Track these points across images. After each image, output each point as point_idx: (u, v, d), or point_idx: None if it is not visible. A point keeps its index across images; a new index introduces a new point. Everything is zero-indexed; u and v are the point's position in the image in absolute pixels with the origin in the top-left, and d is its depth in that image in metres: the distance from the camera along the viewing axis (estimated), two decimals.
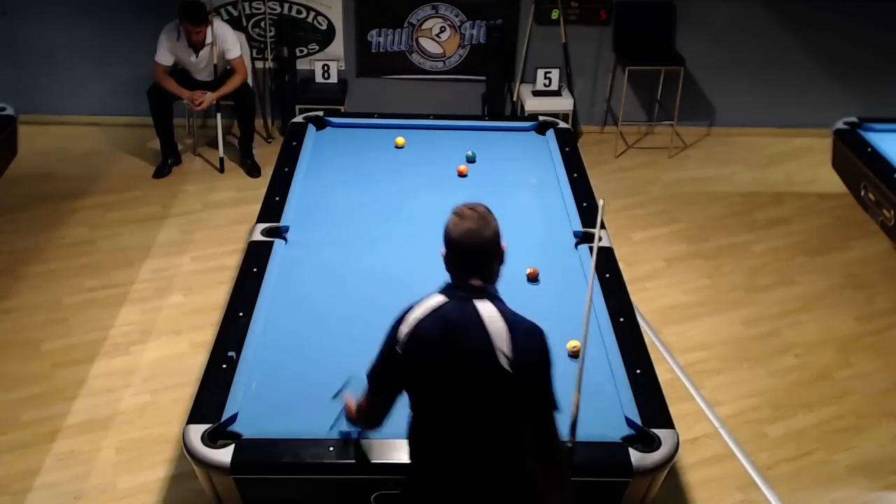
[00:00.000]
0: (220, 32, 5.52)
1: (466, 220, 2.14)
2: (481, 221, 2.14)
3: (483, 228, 2.13)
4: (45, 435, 3.54)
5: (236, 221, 5.12)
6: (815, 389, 3.97)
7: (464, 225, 2.13)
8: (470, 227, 2.13)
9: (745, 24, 6.15)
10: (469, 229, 2.12)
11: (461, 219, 2.14)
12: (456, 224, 2.15)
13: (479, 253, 2.15)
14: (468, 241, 2.13)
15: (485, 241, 2.14)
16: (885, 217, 4.44)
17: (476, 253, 2.15)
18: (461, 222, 2.14)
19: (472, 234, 2.12)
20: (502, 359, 2.03)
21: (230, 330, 2.95)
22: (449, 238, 2.16)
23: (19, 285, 4.49)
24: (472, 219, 2.14)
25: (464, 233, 2.12)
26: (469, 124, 4.67)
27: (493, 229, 2.16)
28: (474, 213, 2.15)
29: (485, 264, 2.17)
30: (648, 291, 4.59)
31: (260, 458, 2.44)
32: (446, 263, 2.20)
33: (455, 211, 2.18)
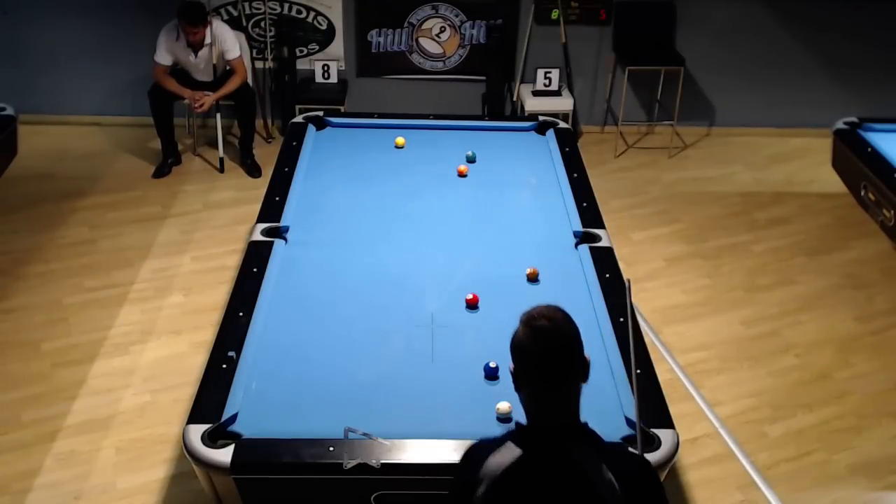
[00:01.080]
0: (220, 33, 5.52)
1: (542, 331, 1.75)
2: (560, 333, 1.76)
3: (564, 341, 1.76)
4: (45, 435, 3.54)
5: (236, 221, 5.12)
6: (815, 389, 3.97)
7: (540, 339, 1.75)
8: (547, 343, 1.74)
9: (745, 24, 6.15)
10: (546, 348, 1.74)
11: (534, 330, 1.75)
12: (528, 337, 1.76)
13: (560, 375, 1.76)
14: (547, 362, 1.74)
15: (567, 357, 1.76)
16: (885, 217, 4.44)
17: (557, 375, 1.76)
18: (535, 335, 1.75)
19: (551, 352, 1.74)
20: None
21: (230, 330, 2.95)
22: (520, 354, 1.78)
23: (19, 285, 4.49)
24: (549, 330, 1.76)
25: (541, 352, 1.74)
26: (469, 124, 4.67)
27: (576, 339, 1.78)
28: (550, 322, 1.76)
29: (569, 389, 1.79)
30: (648, 291, 4.59)
31: (260, 458, 2.44)
32: (517, 385, 1.81)
33: (525, 320, 1.78)
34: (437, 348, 2.93)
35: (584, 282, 3.29)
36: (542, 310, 1.80)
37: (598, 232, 3.60)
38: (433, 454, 2.44)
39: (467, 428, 2.53)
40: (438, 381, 2.78)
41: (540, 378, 1.77)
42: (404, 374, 2.82)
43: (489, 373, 2.78)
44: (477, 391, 2.74)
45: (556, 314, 1.79)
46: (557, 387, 1.78)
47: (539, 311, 1.79)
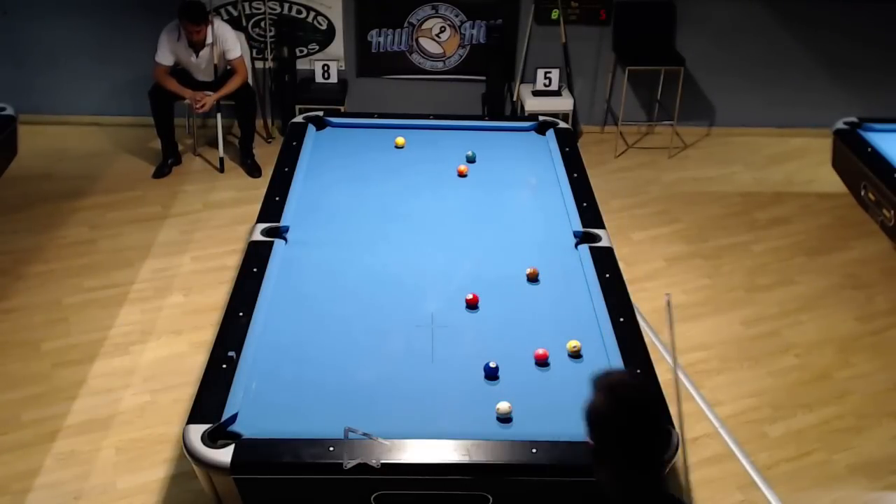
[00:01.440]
0: (221, 32, 5.52)
1: (630, 402, 1.60)
2: (651, 404, 1.62)
3: (655, 413, 1.61)
4: (45, 435, 3.54)
5: (236, 221, 5.12)
6: (815, 389, 3.97)
7: (628, 411, 1.60)
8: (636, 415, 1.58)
9: (745, 24, 6.15)
10: (636, 421, 1.58)
11: (621, 400, 1.60)
12: (613, 408, 1.61)
13: (651, 449, 1.61)
14: (638, 436, 1.59)
15: (658, 430, 1.63)
16: (885, 217, 4.43)
17: (648, 450, 1.61)
18: (622, 406, 1.60)
19: (641, 425, 1.59)
20: None
21: (230, 330, 2.95)
22: (604, 428, 1.63)
23: (19, 285, 4.49)
24: (639, 401, 1.61)
25: (630, 425, 1.59)
26: (469, 124, 4.67)
27: (664, 408, 1.67)
28: (639, 392, 1.63)
29: (660, 465, 1.64)
30: (648, 291, 4.59)
31: (260, 458, 2.44)
32: (599, 461, 1.64)
33: (604, 386, 1.65)
34: (437, 348, 2.93)
35: (584, 282, 3.29)
36: (622, 377, 1.64)
37: (598, 232, 3.60)
38: (433, 454, 2.44)
39: (467, 428, 2.54)
40: (438, 381, 2.78)
41: (627, 455, 1.61)
42: (404, 374, 2.82)
43: (489, 373, 2.78)
44: (477, 391, 2.74)
45: (639, 381, 1.67)
46: (649, 464, 1.63)
47: (620, 378, 1.63)
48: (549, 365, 2.86)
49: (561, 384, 2.79)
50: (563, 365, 2.87)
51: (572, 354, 2.89)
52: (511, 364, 2.82)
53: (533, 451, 2.44)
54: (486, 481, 2.46)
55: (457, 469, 2.42)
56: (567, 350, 2.89)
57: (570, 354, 2.89)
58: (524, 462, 2.43)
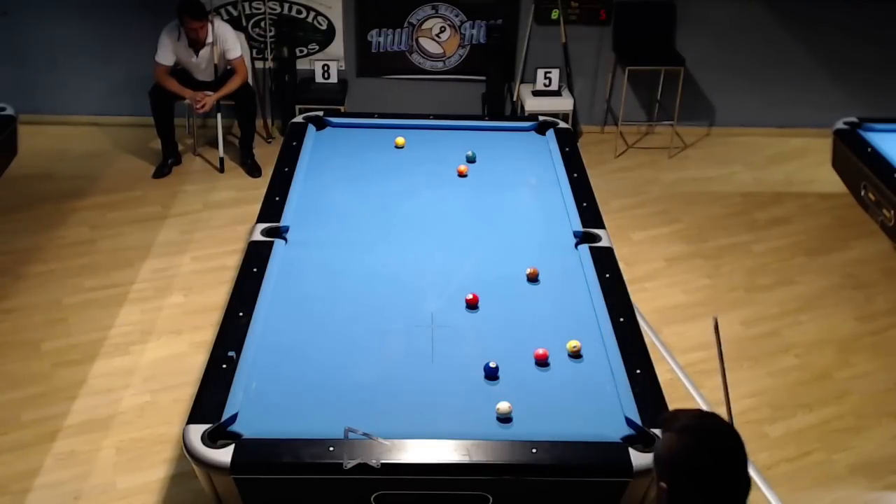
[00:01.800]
0: (221, 32, 5.52)
1: (715, 435, 1.49)
2: (734, 435, 1.53)
3: (741, 445, 1.53)
4: (45, 435, 3.54)
5: (236, 221, 5.12)
6: (815, 389, 3.97)
7: (717, 452, 1.49)
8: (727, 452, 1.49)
9: (745, 24, 6.15)
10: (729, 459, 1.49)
11: (704, 436, 1.49)
12: (696, 449, 1.50)
13: (735, 491, 1.52)
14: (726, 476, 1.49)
15: (744, 475, 1.53)
16: (885, 217, 4.43)
17: (732, 491, 1.51)
18: (706, 441, 1.49)
19: (732, 464, 1.49)
20: None
21: (230, 330, 2.95)
22: (685, 473, 1.50)
23: (19, 285, 4.49)
24: (722, 433, 1.52)
25: (719, 463, 1.49)
26: (469, 124, 4.67)
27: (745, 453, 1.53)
28: (721, 425, 1.53)
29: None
30: (648, 291, 4.59)
31: (260, 458, 2.44)
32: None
33: (683, 427, 1.53)
34: (437, 348, 2.93)
35: (584, 282, 3.29)
36: (699, 415, 1.53)
37: (598, 232, 3.60)
38: (433, 454, 2.44)
39: (467, 428, 2.54)
40: (438, 381, 2.78)
41: (714, 495, 1.52)
42: (404, 374, 2.81)
43: (489, 373, 2.78)
44: (477, 391, 2.74)
45: (717, 419, 1.53)
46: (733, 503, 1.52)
47: (696, 417, 1.53)
48: (549, 365, 2.86)
49: (561, 384, 2.79)
50: (563, 365, 2.87)
51: (572, 354, 2.89)
52: (511, 364, 2.82)
53: (533, 451, 2.44)
54: (486, 481, 2.46)
55: (457, 469, 2.42)
56: (567, 350, 2.89)
57: (570, 354, 2.89)
58: (524, 462, 2.43)
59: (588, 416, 2.65)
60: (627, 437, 2.54)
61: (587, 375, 2.82)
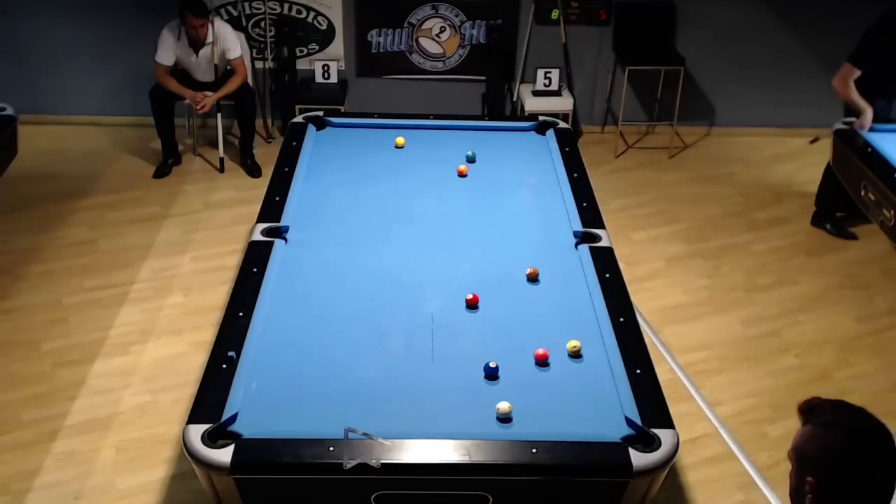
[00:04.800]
0: (222, 32, 5.52)
1: (866, 431, 1.50)
2: (885, 431, 1.52)
3: (892, 442, 1.51)
4: (45, 435, 3.54)
5: (236, 221, 5.12)
6: (815, 389, 3.96)
7: (867, 442, 1.49)
8: (877, 444, 1.49)
9: (745, 24, 6.15)
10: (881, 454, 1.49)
11: (855, 433, 1.50)
12: (846, 443, 1.51)
13: (889, 487, 1.50)
14: (879, 473, 1.49)
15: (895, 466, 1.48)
16: (885, 217, 4.43)
17: (886, 488, 1.50)
18: (857, 437, 1.49)
19: (884, 458, 1.49)
20: None
21: (230, 330, 2.95)
22: (839, 466, 1.53)
23: (19, 285, 4.49)
24: (873, 429, 1.52)
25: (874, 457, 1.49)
26: (469, 124, 4.67)
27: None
28: (871, 421, 1.53)
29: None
30: (648, 291, 4.59)
31: (260, 458, 2.44)
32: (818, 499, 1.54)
33: (829, 423, 1.55)
34: (437, 348, 2.93)
35: (584, 282, 3.29)
36: (846, 410, 1.53)
37: (598, 232, 3.60)
38: (433, 454, 2.44)
39: (467, 428, 2.54)
40: (438, 381, 2.78)
41: (866, 493, 1.52)
42: (404, 374, 2.81)
43: (489, 373, 2.78)
44: (477, 391, 2.74)
45: (865, 414, 1.53)
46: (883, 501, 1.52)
47: (843, 412, 1.52)
48: (549, 365, 2.86)
49: (561, 384, 2.79)
50: (563, 365, 2.87)
51: (572, 354, 2.89)
52: (511, 364, 2.82)
53: (533, 451, 2.43)
54: (486, 481, 2.46)
55: (457, 469, 2.42)
56: (567, 350, 2.89)
57: (570, 354, 2.89)
58: (524, 462, 2.43)
59: (588, 416, 2.64)
60: (627, 437, 2.54)
61: (587, 375, 2.82)
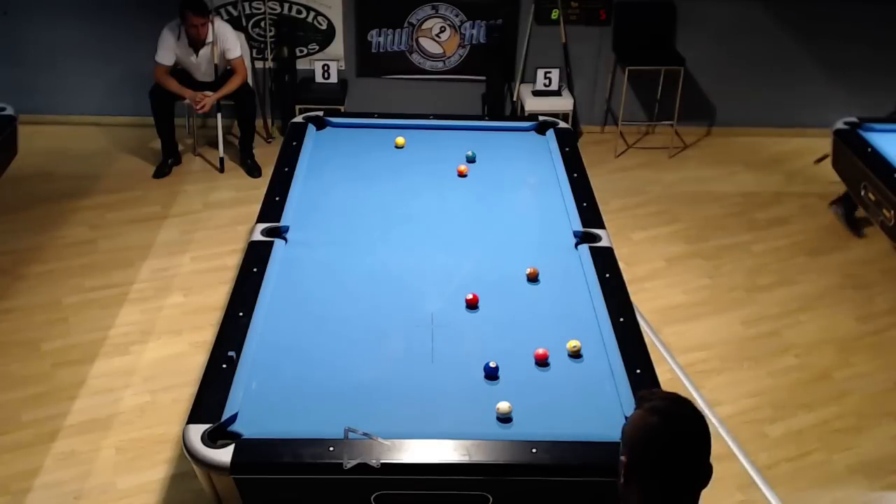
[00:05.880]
0: (221, 32, 5.52)
1: (681, 420, 1.56)
2: (701, 423, 1.58)
3: (705, 437, 1.57)
4: (45, 435, 3.54)
5: (236, 221, 5.12)
6: (815, 389, 3.97)
7: (680, 430, 1.56)
8: (689, 433, 1.56)
9: (745, 25, 6.14)
10: (690, 442, 1.56)
11: (671, 419, 1.57)
12: (662, 429, 1.57)
13: (693, 474, 1.58)
14: (684, 459, 1.56)
15: (705, 455, 1.58)
16: (885, 217, 4.43)
17: (690, 475, 1.58)
18: (671, 424, 1.56)
19: (693, 447, 1.56)
20: None
21: (230, 330, 2.95)
22: (647, 447, 1.58)
23: (19, 285, 4.49)
24: (689, 419, 1.57)
25: (683, 444, 1.56)
26: (469, 124, 4.67)
27: (709, 436, 1.59)
28: (690, 411, 1.58)
29: (696, 493, 1.60)
30: (648, 291, 4.59)
31: (260, 458, 2.44)
32: (628, 479, 1.61)
33: (653, 408, 1.59)
34: (437, 348, 2.93)
35: (584, 282, 3.29)
36: (672, 399, 1.61)
37: (598, 232, 3.60)
38: (433, 454, 2.44)
39: (467, 428, 2.54)
40: (438, 381, 2.78)
41: (669, 477, 1.57)
42: (404, 374, 2.81)
43: (489, 373, 2.78)
44: (477, 391, 2.74)
45: (689, 405, 1.60)
46: (688, 489, 1.59)
47: (669, 400, 1.61)
48: (549, 365, 2.86)
49: (561, 384, 2.79)
50: (563, 365, 2.87)
51: (572, 354, 2.89)
52: (511, 364, 2.82)
53: (533, 451, 2.44)
54: (486, 481, 2.46)
55: (457, 469, 2.42)
56: (567, 350, 2.89)
57: (570, 354, 2.89)
58: (524, 462, 2.43)
59: (588, 416, 2.64)
60: None
61: (587, 375, 2.82)
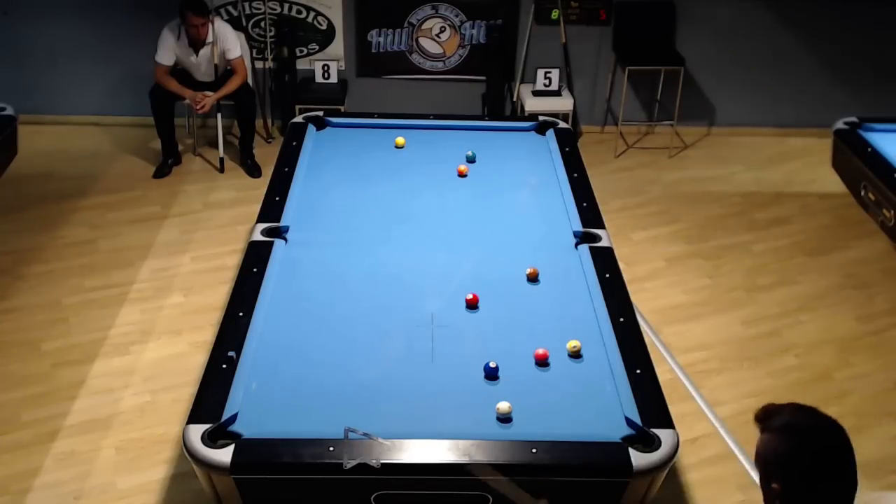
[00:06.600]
0: (221, 32, 5.52)
1: (819, 433, 1.60)
2: (837, 429, 1.62)
3: (846, 437, 1.61)
4: (45, 435, 3.54)
5: (236, 221, 5.12)
6: (815, 389, 3.96)
7: (823, 444, 1.59)
8: (831, 445, 1.58)
9: (745, 24, 6.14)
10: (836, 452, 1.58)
11: (808, 435, 1.60)
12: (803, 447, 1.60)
13: (849, 484, 1.59)
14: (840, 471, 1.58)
15: (852, 459, 1.60)
16: (885, 217, 4.43)
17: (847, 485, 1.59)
18: (812, 440, 1.59)
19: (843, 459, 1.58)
20: None
21: (230, 330, 2.95)
22: (799, 470, 1.60)
23: (19, 285, 4.49)
24: (826, 430, 1.62)
25: (831, 456, 1.58)
26: (469, 124, 4.67)
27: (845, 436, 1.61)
28: (823, 421, 1.63)
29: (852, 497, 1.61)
30: (648, 291, 4.59)
31: (260, 458, 2.44)
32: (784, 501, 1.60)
33: (784, 427, 1.64)
34: (437, 348, 2.93)
35: (584, 282, 3.29)
36: (800, 411, 1.64)
37: (598, 232, 3.60)
38: (433, 454, 2.44)
39: (467, 428, 2.54)
40: (438, 381, 2.78)
41: (829, 489, 1.59)
42: (404, 374, 2.81)
43: (489, 373, 2.78)
44: (477, 391, 2.74)
45: (816, 413, 1.63)
46: (847, 494, 1.61)
47: (797, 414, 1.63)
48: (549, 365, 2.86)
49: (561, 384, 2.79)
50: (563, 365, 2.87)
51: (572, 354, 2.89)
52: (511, 364, 2.82)
53: (533, 451, 2.44)
54: (486, 481, 2.46)
55: (457, 469, 2.42)
56: (567, 350, 2.89)
57: (570, 354, 2.89)
58: (524, 462, 2.43)
59: (588, 416, 2.65)
60: (627, 437, 2.54)
61: (587, 375, 2.82)
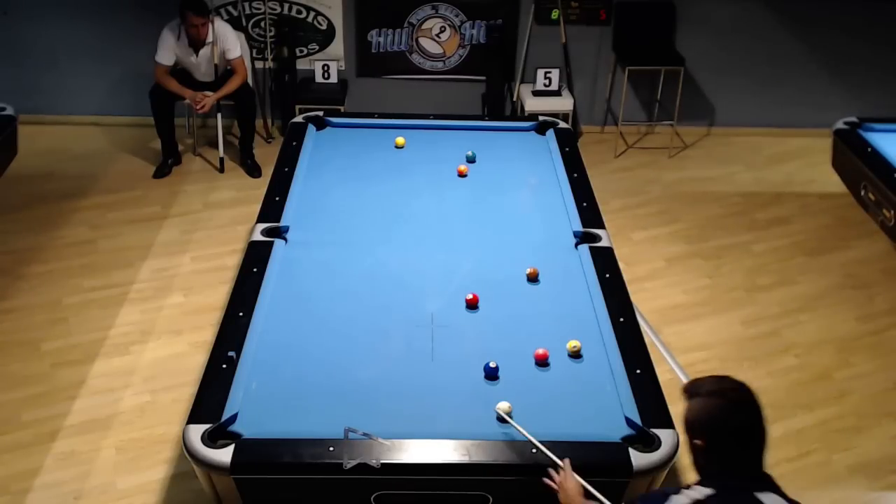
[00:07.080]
0: (221, 32, 5.52)
1: (741, 400, 1.95)
2: (752, 396, 1.96)
3: (758, 403, 1.95)
4: (45, 435, 3.54)
5: (236, 221, 5.12)
6: (815, 389, 3.97)
7: (742, 407, 1.94)
8: (749, 406, 1.94)
9: (745, 24, 6.14)
10: (752, 410, 1.94)
11: (731, 401, 1.94)
12: (727, 408, 1.94)
13: (759, 437, 1.97)
14: (752, 424, 1.95)
15: (763, 419, 1.96)
16: (885, 217, 4.44)
17: (757, 438, 1.97)
18: (734, 405, 1.94)
19: (754, 414, 1.94)
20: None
21: (230, 330, 2.95)
22: (723, 425, 1.95)
23: (19, 285, 4.49)
24: (746, 397, 1.95)
25: (746, 416, 1.94)
26: (469, 124, 4.67)
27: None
28: (745, 390, 1.96)
29: (762, 447, 1.99)
30: (648, 291, 4.59)
31: (260, 458, 2.44)
32: (707, 454, 1.98)
33: (711, 391, 1.97)
34: (437, 348, 2.94)
35: (584, 282, 3.29)
36: (718, 379, 1.97)
37: (598, 232, 3.60)
38: (433, 454, 2.44)
39: (467, 428, 2.54)
40: (438, 381, 2.79)
41: (738, 444, 1.95)
42: (404, 374, 2.82)
43: (489, 373, 2.78)
44: (477, 391, 2.74)
45: (731, 379, 1.96)
46: (757, 448, 1.98)
47: (718, 381, 1.96)
48: (549, 365, 2.86)
49: (561, 384, 2.79)
50: (563, 365, 2.87)
51: (572, 354, 2.89)
52: (511, 364, 2.83)
53: (533, 451, 2.44)
54: (486, 481, 2.46)
55: (457, 469, 2.42)
56: (567, 350, 2.89)
57: (570, 354, 2.89)
58: (524, 462, 2.43)
59: (588, 416, 2.65)
60: (627, 437, 2.54)
61: (587, 375, 2.82)
